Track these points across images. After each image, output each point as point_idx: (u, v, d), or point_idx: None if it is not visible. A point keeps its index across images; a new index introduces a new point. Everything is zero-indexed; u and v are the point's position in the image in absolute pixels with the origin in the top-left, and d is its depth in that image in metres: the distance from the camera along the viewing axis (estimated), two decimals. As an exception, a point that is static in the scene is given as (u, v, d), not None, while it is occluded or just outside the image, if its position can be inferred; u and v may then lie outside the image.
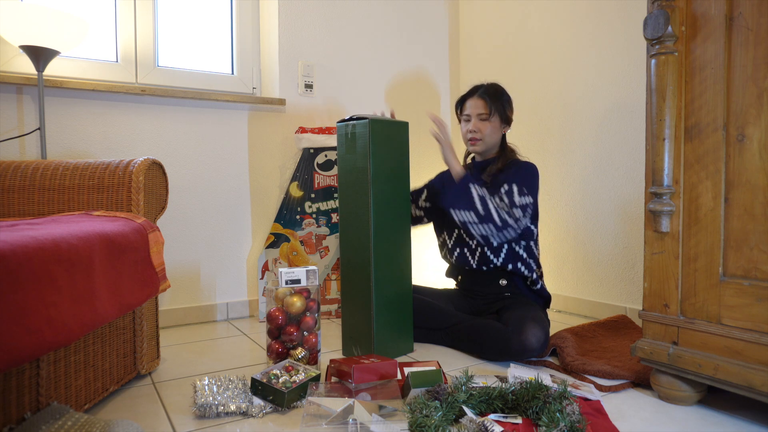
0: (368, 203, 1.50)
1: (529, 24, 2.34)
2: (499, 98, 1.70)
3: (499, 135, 1.72)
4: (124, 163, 1.40)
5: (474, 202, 1.55)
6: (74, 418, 0.95)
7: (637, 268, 1.94)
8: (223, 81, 2.20)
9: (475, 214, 1.55)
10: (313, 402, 1.13)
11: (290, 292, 1.44)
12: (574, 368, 1.41)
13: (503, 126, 1.73)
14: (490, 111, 1.68)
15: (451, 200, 1.59)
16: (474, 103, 1.71)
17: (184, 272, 2.02)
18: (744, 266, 1.08)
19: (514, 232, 1.57)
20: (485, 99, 1.69)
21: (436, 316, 1.68)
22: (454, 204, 1.58)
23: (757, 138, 1.06)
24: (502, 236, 1.57)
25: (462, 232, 1.73)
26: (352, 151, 1.54)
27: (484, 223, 1.54)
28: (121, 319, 1.30)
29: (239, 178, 2.14)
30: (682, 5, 1.16)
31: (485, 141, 1.70)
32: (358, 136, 1.52)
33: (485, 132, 1.69)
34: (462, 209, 1.57)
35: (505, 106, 1.71)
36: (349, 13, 2.38)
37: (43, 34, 1.58)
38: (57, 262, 0.90)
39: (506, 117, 1.71)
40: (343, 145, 1.57)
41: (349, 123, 1.55)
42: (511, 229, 1.56)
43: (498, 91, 1.73)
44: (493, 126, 1.70)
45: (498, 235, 1.56)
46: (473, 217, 1.55)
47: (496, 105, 1.69)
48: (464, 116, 1.75)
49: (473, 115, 1.71)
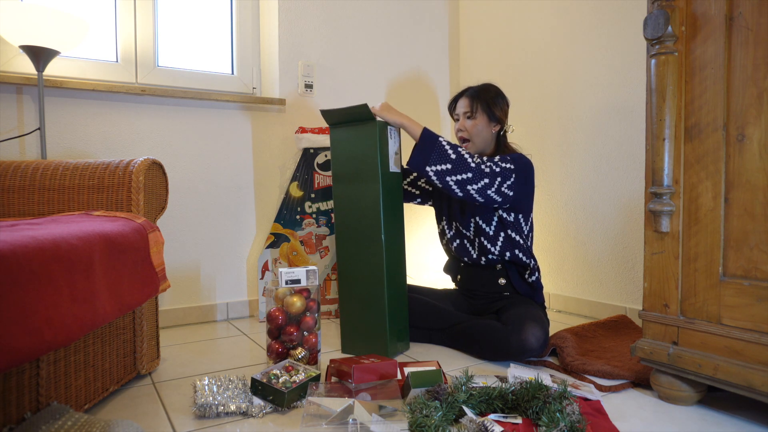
0: (378, 195, 1.53)
1: (529, 24, 2.34)
2: (483, 96, 1.70)
3: (488, 133, 1.71)
4: (124, 163, 1.40)
5: (446, 150, 1.51)
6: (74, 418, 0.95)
7: (637, 268, 1.94)
8: (223, 81, 2.20)
9: (449, 162, 1.50)
10: (313, 402, 1.13)
11: (290, 292, 1.44)
12: (574, 368, 1.41)
13: (492, 124, 1.70)
14: (473, 109, 1.69)
15: (424, 157, 1.52)
16: (461, 103, 1.74)
17: (184, 272, 2.02)
18: (744, 266, 1.08)
19: (489, 182, 1.51)
20: (470, 98, 1.71)
21: (436, 317, 1.68)
22: (427, 160, 1.51)
23: (757, 138, 1.06)
24: (478, 184, 1.50)
25: (459, 224, 1.73)
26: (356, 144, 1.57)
27: (461, 173, 1.50)
28: (121, 319, 1.30)
29: (239, 178, 2.14)
30: (682, 5, 1.16)
31: (473, 141, 1.70)
32: (364, 132, 1.55)
33: (471, 131, 1.70)
34: (435, 163, 1.51)
35: (491, 103, 1.69)
36: (349, 13, 2.38)
37: (43, 34, 1.58)
38: (57, 262, 0.90)
39: (493, 115, 1.69)
40: (345, 140, 1.59)
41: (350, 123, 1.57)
42: (487, 178, 1.50)
43: (485, 89, 1.72)
44: (480, 124, 1.69)
45: (474, 183, 1.50)
46: (448, 165, 1.50)
47: (480, 103, 1.69)
48: (455, 117, 1.77)
49: (461, 115, 1.73)
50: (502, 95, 1.74)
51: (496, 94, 1.73)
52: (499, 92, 1.74)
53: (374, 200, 1.54)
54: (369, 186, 1.55)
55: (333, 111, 1.59)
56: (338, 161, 1.61)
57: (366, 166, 1.55)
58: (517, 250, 1.66)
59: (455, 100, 1.78)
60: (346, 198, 1.60)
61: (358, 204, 1.57)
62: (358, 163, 1.56)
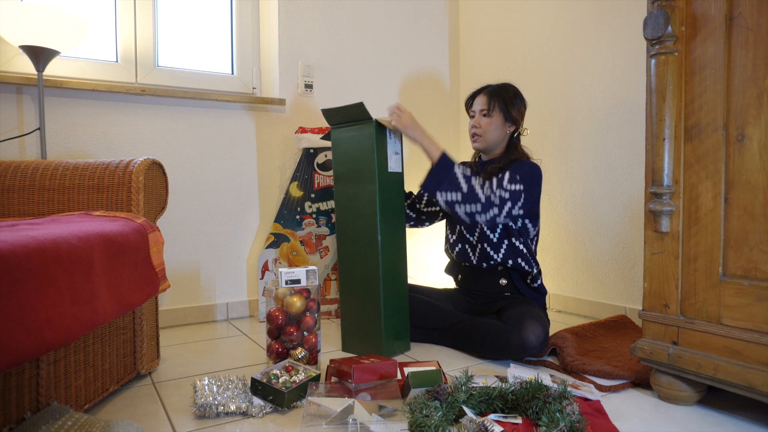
0: (375, 194, 1.53)
1: (529, 24, 2.34)
2: (501, 95, 1.69)
3: (501, 133, 1.70)
4: (124, 163, 1.40)
5: (458, 181, 1.52)
6: (74, 418, 0.95)
7: (637, 268, 1.94)
8: (223, 81, 2.20)
9: (460, 193, 1.51)
10: (313, 402, 1.13)
11: (290, 292, 1.44)
12: (574, 368, 1.41)
13: (507, 124, 1.70)
14: (490, 107, 1.68)
15: (436, 183, 1.54)
16: (478, 100, 1.73)
17: (184, 272, 2.02)
18: (744, 266, 1.08)
19: (498, 211, 1.52)
20: (488, 95, 1.70)
21: (436, 316, 1.68)
22: (439, 186, 1.53)
23: (757, 138, 1.06)
24: (487, 216, 1.52)
25: (463, 228, 1.73)
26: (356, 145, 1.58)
27: (470, 203, 1.51)
28: (121, 319, 1.30)
29: (239, 178, 2.14)
30: (682, 5, 1.16)
31: (484, 137, 1.70)
32: (362, 131, 1.55)
33: (485, 128, 1.69)
34: (446, 190, 1.52)
35: (508, 103, 1.68)
36: (349, 13, 2.38)
37: (43, 34, 1.58)
38: (57, 262, 0.90)
39: (510, 115, 1.68)
40: (345, 141, 1.59)
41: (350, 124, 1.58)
42: (496, 208, 1.52)
43: (504, 88, 1.72)
44: (495, 122, 1.68)
45: (483, 214, 1.52)
46: (458, 196, 1.51)
47: (497, 101, 1.68)
48: (471, 113, 1.76)
49: (477, 111, 1.72)
50: (521, 96, 1.73)
51: (515, 94, 1.71)
52: (518, 93, 1.72)
53: (371, 200, 1.54)
54: (366, 186, 1.55)
55: (333, 110, 1.59)
56: (338, 161, 1.62)
57: (364, 166, 1.55)
58: (519, 258, 1.66)
59: (473, 97, 1.76)
60: (345, 197, 1.60)
61: (356, 204, 1.58)
62: (357, 163, 1.57)
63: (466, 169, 1.55)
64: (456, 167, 1.54)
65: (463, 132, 2.71)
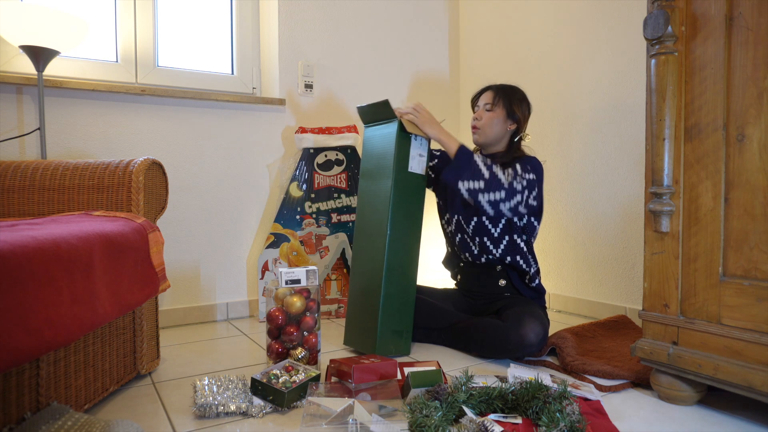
0: (390, 190, 1.56)
1: (529, 24, 2.34)
2: (507, 92, 1.71)
3: (501, 129, 1.70)
4: (124, 163, 1.40)
5: (479, 169, 1.52)
6: (74, 418, 0.95)
7: (637, 268, 1.94)
8: (223, 81, 2.20)
9: (483, 181, 1.51)
10: (313, 402, 1.13)
11: (290, 292, 1.44)
12: (574, 368, 1.41)
13: (508, 121, 1.70)
14: (494, 101, 1.70)
15: (457, 172, 1.53)
16: (484, 96, 1.74)
17: (184, 272, 2.02)
18: (744, 266, 1.08)
19: (521, 198, 1.52)
20: (494, 91, 1.72)
21: (436, 316, 1.68)
22: (460, 176, 1.52)
23: (757, 138, 1.06)
24: (511, 204, 1.52)
25: (461, 218, 1.73)
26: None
27: (493, 191, 1.50)
28: (121, 319, 1.30)
29: (239, 178, 2.14)
30: (682, 5, 1.16)
31: (484, 130, 1.70)
32: (386, 130, 1.60)
33: (486, 121, 1.70)
34: (468, 179, 1.52)
35: (513, 101, 1.70)
36: (350, 13, 2.38)
37: (43, 34, 1.58)
38: (57, 262, 0.90)
39: (512, 112, 1.69)
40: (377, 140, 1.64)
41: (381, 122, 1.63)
42: (519, 195, 1.51)
43: (511, 88, 1.74)
44: (496, 117, 1.69)
45: (508, 201, 1.51)
46: (481, 184, 1.51)
47: (502, 97, 1.70)
48: (475, 108, 1.77)
49: (481, 106, 1.73)
50: (527, 101, 1.75)
51: (522, 97, 1.74)
52: (525, 96, 1.75)
53: (386, 196, 1.56)
54: (384, 183, 1.58)
55: (364, 108, 1.65)
56: (365, 158, 1.67)
57: (384, 163, 1.59)
58: (518, 256, 1.66)
59: (479, 93, 1.78)
60: (366, 193, 1.65)
61: (374, 200, 1.61)
62: (379, 160, 1.61)
63: (486, 159, 1.56)
64: (476, 156, 1.55)
65: (463, 132, 2.71)
